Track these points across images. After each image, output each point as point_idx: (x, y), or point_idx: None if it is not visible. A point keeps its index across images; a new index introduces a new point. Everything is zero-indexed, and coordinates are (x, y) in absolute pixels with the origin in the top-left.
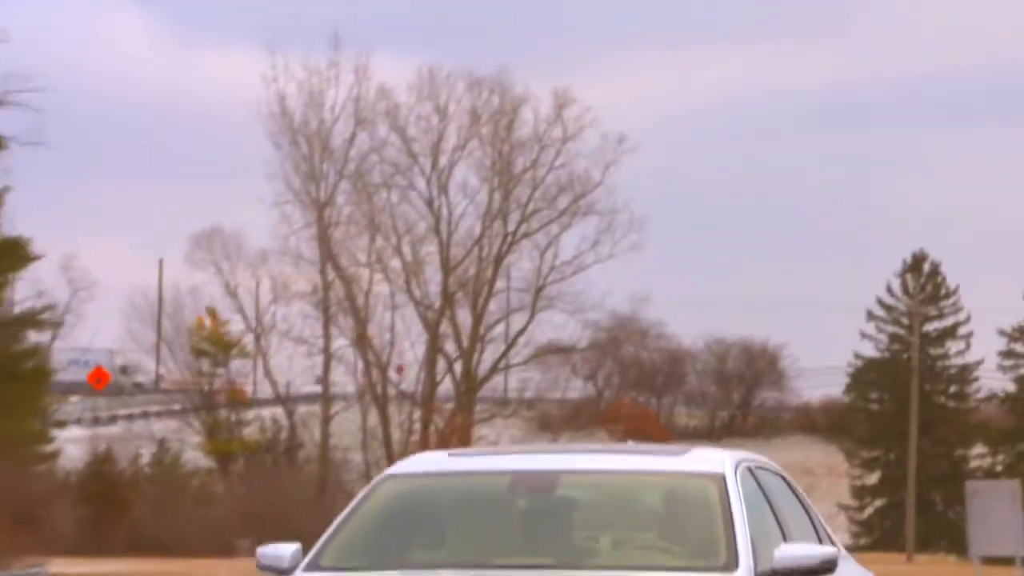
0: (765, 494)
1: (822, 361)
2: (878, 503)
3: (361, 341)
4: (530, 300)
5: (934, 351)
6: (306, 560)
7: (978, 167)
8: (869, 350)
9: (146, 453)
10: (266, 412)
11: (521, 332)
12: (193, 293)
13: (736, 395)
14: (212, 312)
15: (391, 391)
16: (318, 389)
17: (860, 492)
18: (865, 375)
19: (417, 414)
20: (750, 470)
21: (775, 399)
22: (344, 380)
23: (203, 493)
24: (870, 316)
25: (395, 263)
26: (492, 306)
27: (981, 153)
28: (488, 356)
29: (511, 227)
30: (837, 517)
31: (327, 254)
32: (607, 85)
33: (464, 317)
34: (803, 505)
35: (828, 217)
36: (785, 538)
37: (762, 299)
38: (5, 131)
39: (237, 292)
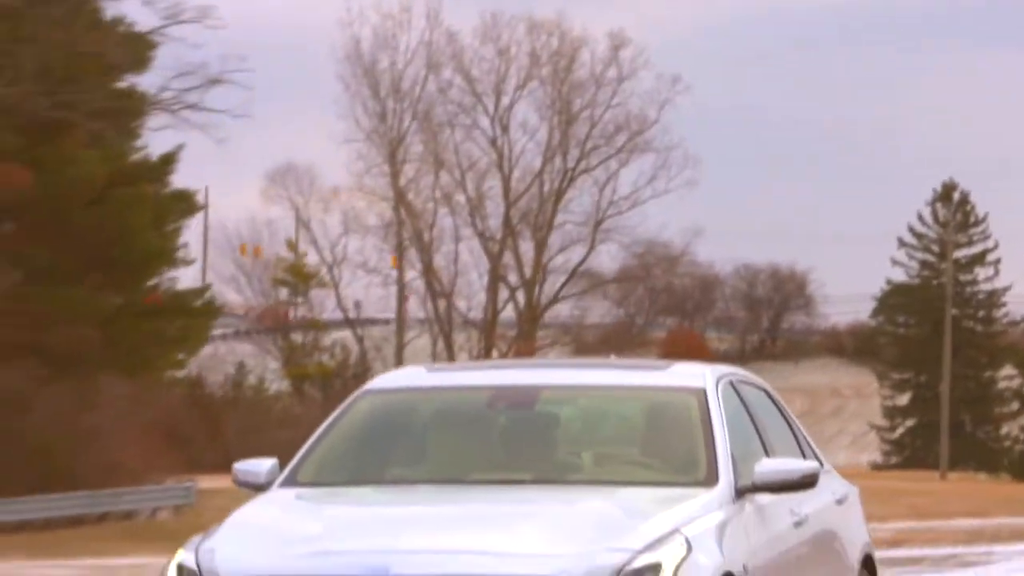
0: (747, 409)
1: (850, 289)
2: (909, 423)
3: (428, 272)
4: (589, 233)
5: (964, 277)
6: (283, 475)
7: (1007, 94)
8: (899, 277)
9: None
10: (339, 338)
11: (580, 263)
12: (270, 226)
13: (765, 319)
14: (291, 244)
15: (456, 319)
16: (386, 316)
17: (891, 412)
18: (892, 300)
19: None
20: (732, 384)
21: (803, 323)
22: (412, 308)
23: (285, 415)
24: (901, 244)
25: (459, 198)
26: (552, 239)
27: (1010, 79)
28: (548, 287)
29: (570, 164)
30: (867, 436)
31: (397, 190)
32: (660, 27)
33: (526, 250)
34: (787, 420)
35: (856, 149)
36: (767, 453)
37: (791, 229)
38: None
39: (311, 226)
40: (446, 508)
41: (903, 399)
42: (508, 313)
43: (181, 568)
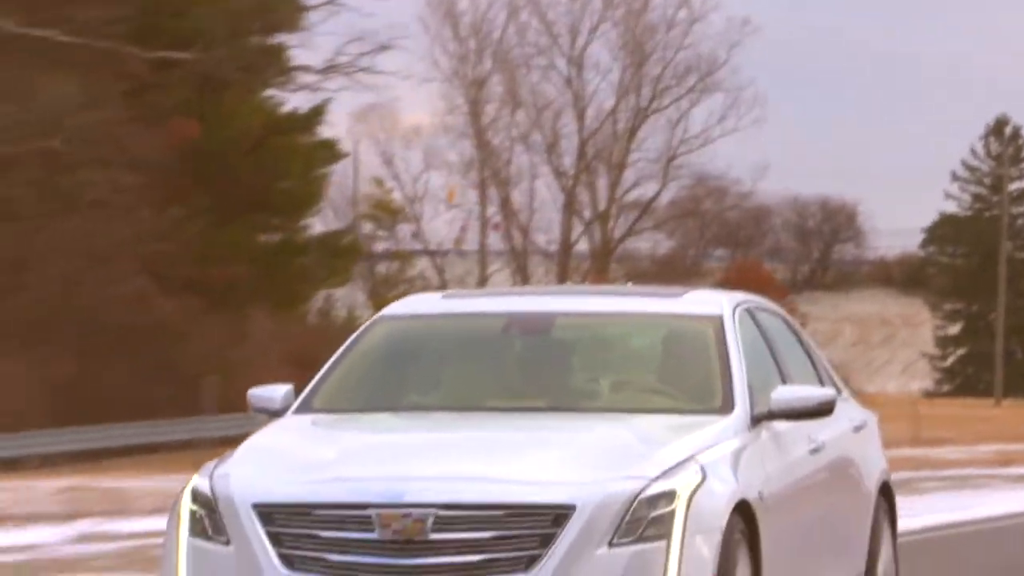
0: (764, 336)
1: (901, 223)
2: (960, 352)
3: (506, 206)
4: (661, 170)
5: (1015, 210)
6: (298, 402)
7: None
8: (952, 209)
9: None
10: (422, 271)
11: (653, 199)
12: (354, 162)
13: (816, 251)
14: (377, 180)
15: (532, 251)
16: (465, 249)
17: (943, 342)
18: (941, 231)
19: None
20: (749, 312)
21: (853, 255)
22: (491, 242)
23: None
24: (954, 177)
25: (536, 136)
26: (626, 175)
27: None
28: (622, 221)
29: (643, 103)
30: (917, 364)
31: (476, 128)
32: None
33: (600, 186)
34: (804, 347)
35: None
36: (784, 380)
37: (845, 164)
38: None
39: (394, 162)
40: (460, 435)
41: (954, 328)
42: (584, 246)
43: (196, 493)
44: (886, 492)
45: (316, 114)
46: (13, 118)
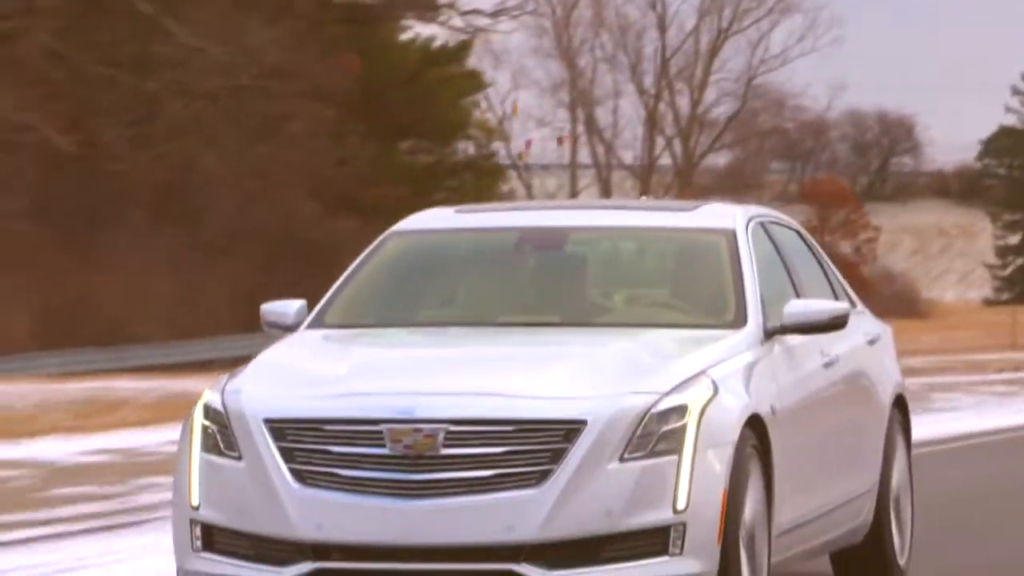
0: (778, 250)
1: (958, 137)
2: (1019, 261)
3: (591, 124)
4: (742, 88)
5: None
6: (311, 316)
7: None
8: (1011, 122)
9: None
10: (513, 188)
11: (732, 117)
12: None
13: (874, 162)
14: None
15: (617, 167)
16: (557, 163)
17: (1003, 251)
18: (999, 143)
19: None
20: (762, 225)
21: (910, 166)
22: (579, 158)
23: None
24: (1014, 91)
25: (621, 57)
26: (707, 94)
27: None
28: (704, 138)
29: (723, 24)
30: (973, 273)
31: (564, 49)
32: None
33: (682, 105)
34: (819, 261)
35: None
36: (797, 294)
37: (902, 79)
38: None
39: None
40: (472, 350)
41: (1014, 238)
42: (666, 161)
43: (207, 408)
44: (901, 405)
45: (463, 48)
46: (220, 57)
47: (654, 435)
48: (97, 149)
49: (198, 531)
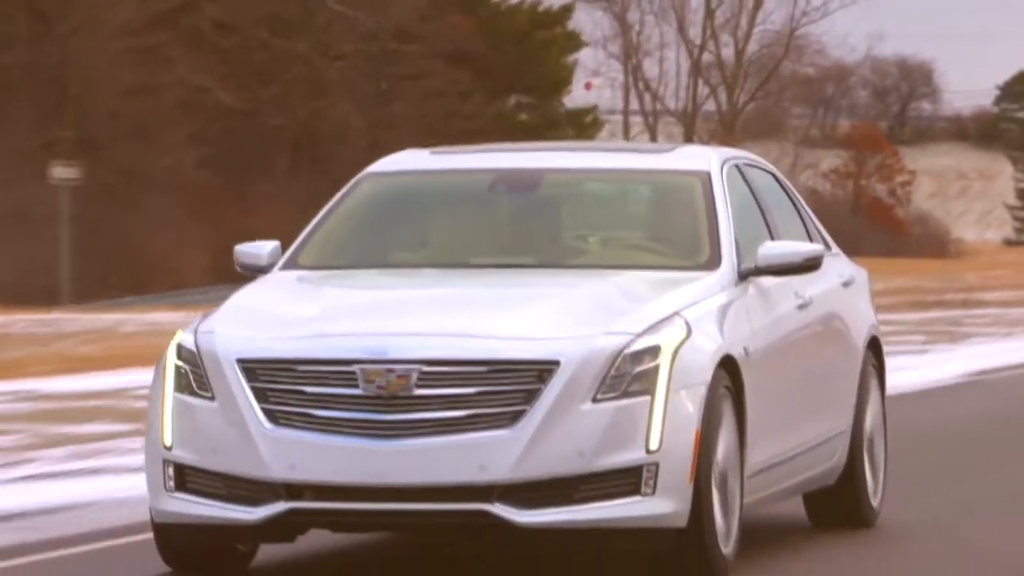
0: (753, 192)
1: (974, 84)
2: None
3: (637, 73)
4: (784, 39)
5: None
6: (284, 258)
7: None
8: None
9: None
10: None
11: (775, 67)
12: None
13: (893, 108)
14: None
15: (663, 115)
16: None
17: (1023, 194)
18: (1017, 87)
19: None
20: (737, 167)
21: (929, 111)
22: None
23: None
24: None
25: (668, 10)
26: (750, 45)
27: None
28: (747, 87)
29: None
30: (991, 214)
31: (615, 5)
32: None
33: (726, 55)
34: (794, 203)
35: None
36: (772, 236)
37: (922, 26)
38: None
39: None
40: (446, 292)
41: None
42: (710, 107)
43: (180, 349)
44: (875, 347)
45: (566, 11)
46: (365, 22)
47: (627, 376)
48: (256, 105)
49: (171, 471)
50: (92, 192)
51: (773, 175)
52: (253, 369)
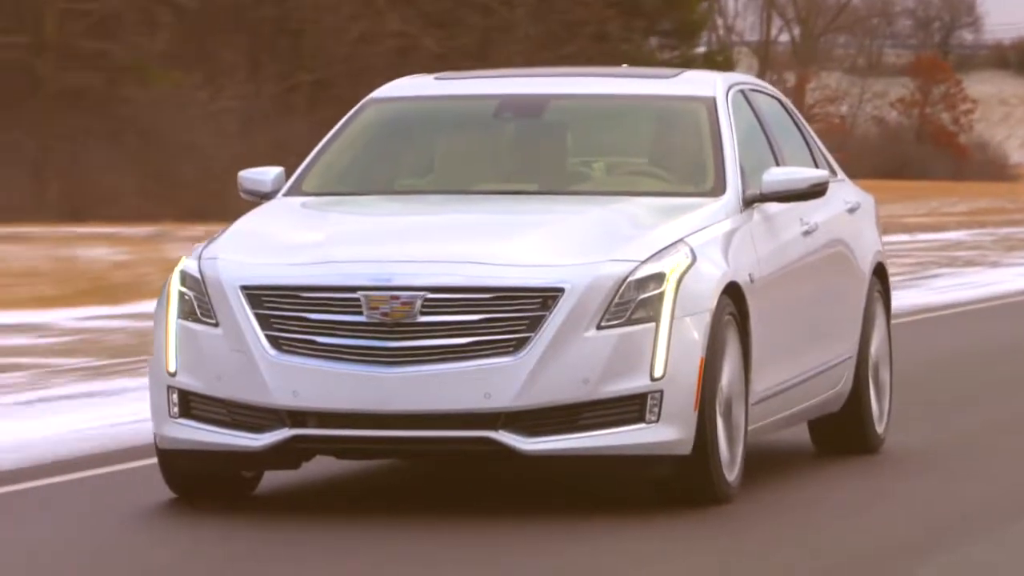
0: (758, 118)
1: (1016, 14)
2: None
3: (714, 6)
4: None
5: None
6: (288, 184)
7: None
8: None
9: None
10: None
11: (846, 3)
12: None
13: (936, 37)
14: None
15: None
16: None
17: None
18: None
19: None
20: (743, 93)
21: (971, 40)
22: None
23: None
24: None
25: None
26: None
27: None
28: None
29: None
30: None
31: None
32: None
33: None
34: (800, 130)
35: None
36: (777, 162)
37: None
38: None
39: None
40: (450, 219)
41: None
42: (785, 39)
43: (184, 275)
44: (880, 273)
45: None
46: None
47: (631, 303)
48: (449, 50)
49: (175, 397)
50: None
51: (779, 101)
52: (257, 296)
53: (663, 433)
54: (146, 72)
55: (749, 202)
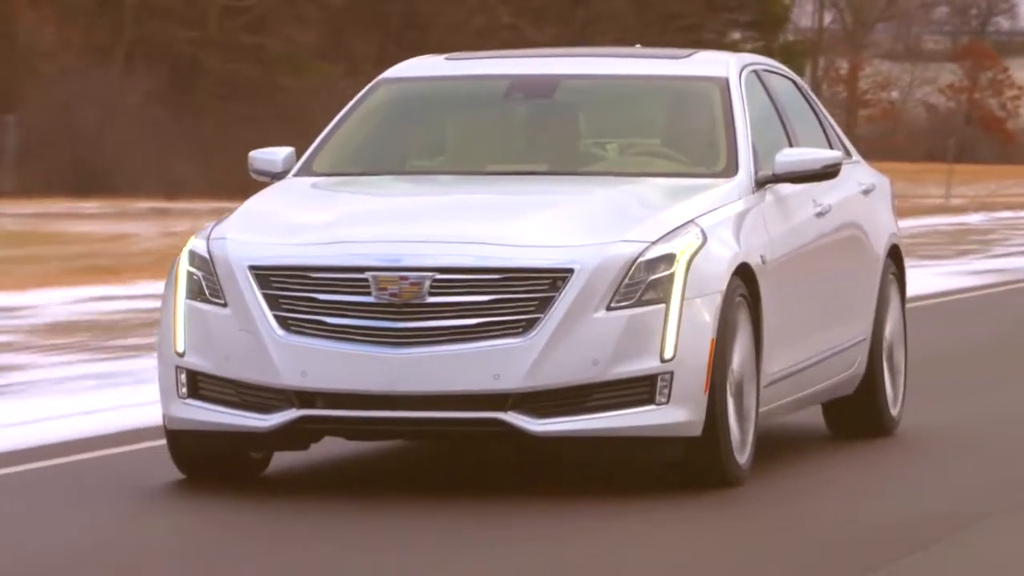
0: (772, 99)
1: None
2: None
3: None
4: None
5: None
6: (298, 164)
7: None
8: None
9: None
10: None
11: None
12: None
13: (973, 23)
14: None
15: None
16: None
17: None
18: None
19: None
20: (756, 74)
21: (1008, 26)
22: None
23: None
24: None
25: None
26: None
27: None
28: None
29: None
30: None
31: None
32: None
33: None
34: (815, 110)
35: None
36: (791, 143)
37: None
38: None
39: None
40: (460, 199)
41: None
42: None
43: (193, 255)
44: (895, 255)
45: None
46: None
47: (641, 284)
48: (550, 39)
49: (183, 378)
50: None
51: (793, 81)
52: (265, 276)
53: (673, 415)
54: (297, 63)
55: (761, 183)
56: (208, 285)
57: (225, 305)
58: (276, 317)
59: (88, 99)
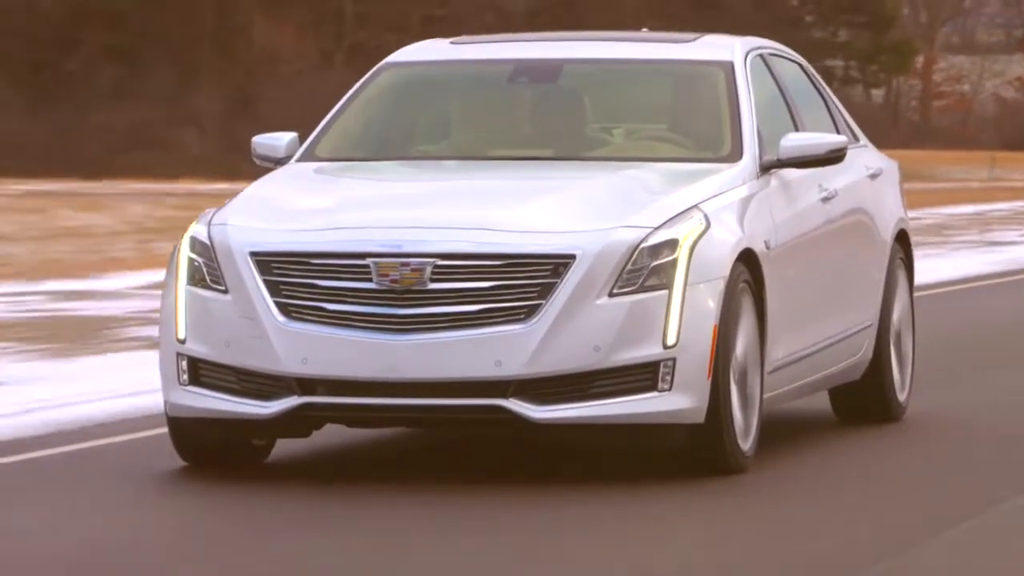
0: (778, 83)
1: None
2: None
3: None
4: None
5: None
6: (301, 150)
7: None
8: None
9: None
10: None
11: None
12: None
13: None
14: None
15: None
16: None
17: None
18: None
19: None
20: (762, 58)
21: None
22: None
23: None
24: None
25: None
26: None
27: None
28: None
29: None
30: None
31: None
32: None
33: None
34: (822, 95)
35: None
36: (797, 128)
37: None
38: None
39: None
40: (463, 184)
41: None
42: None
43: (193, 241)
44: (903, 240)
45: None
46: None
47: (644, 269)
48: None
49: (184, 364)
50: None
51: (800, 65)
52: (266, 262)
53: (676, 401)
54: None
55: (766, 168)
56: (209, 271)
57: (226, 291)
58: (277, 303)
59: (318, 97)
